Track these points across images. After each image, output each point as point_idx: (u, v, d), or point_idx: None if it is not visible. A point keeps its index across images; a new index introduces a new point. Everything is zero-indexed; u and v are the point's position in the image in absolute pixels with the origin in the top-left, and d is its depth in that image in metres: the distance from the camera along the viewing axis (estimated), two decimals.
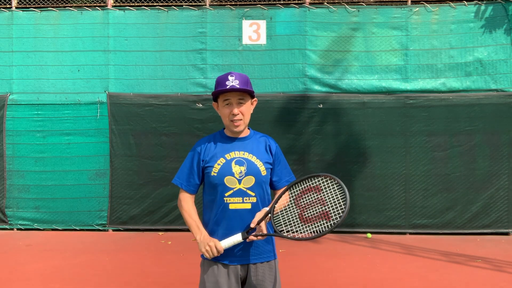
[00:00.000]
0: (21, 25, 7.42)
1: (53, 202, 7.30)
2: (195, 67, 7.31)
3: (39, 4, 7.46)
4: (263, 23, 7.27)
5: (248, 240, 2.28)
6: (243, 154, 2.40)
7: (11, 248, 6.41)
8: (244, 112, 2.40)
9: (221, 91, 2.34)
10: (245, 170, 2.37)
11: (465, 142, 7.08)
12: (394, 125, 7.13)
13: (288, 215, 2.39)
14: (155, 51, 7.32)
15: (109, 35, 7.35)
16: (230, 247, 2.30)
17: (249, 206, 2.35)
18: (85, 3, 7.58)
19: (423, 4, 7.17)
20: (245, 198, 2.36)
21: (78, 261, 5.73)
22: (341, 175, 7.08)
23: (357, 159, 7.17)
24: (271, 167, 2.47)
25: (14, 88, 7.39)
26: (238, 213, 2.35)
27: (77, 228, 7.32)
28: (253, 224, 2.28)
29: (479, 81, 7.11)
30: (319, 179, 2.36)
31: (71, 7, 7.45)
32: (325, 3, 7.26)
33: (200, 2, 7.38)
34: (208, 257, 2.30)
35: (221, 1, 7.41)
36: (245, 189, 2.36)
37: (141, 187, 7.26)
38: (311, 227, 2.32)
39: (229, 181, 2.35)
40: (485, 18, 7.10)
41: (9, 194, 7.34)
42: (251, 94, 2.43)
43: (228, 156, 2.39)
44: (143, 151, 7.28)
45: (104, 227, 7.32)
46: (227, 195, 2.35)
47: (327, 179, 2.34)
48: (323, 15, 7.24)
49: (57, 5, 7.46)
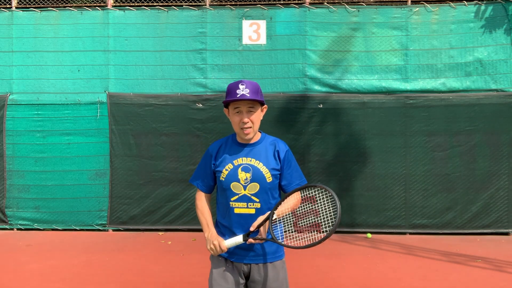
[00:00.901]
0: (21, 25, 7.42)
1: (53, 202, 7.30)
2: (195, 67, 7.31)
3: (39, 4, 7.46)
4: (263, 23, 7.27)
5: (248, 242, 2.36)
6: (250, 160, 2.48)
7: (11, 248, 6.41)
8: (254, 120, 2.45)
9: (231, 100, 2.40)
10: (250, 176, 2.45)
11: (465, 142, 7.08)
12: (394, 125, 7.13)
13: (285, 222, 2.49)
14: (155, 51, 7.32)
15: (109, 35, 7.35)
16: (234, 247, 2.43)
17: (253, 211, 2.45)
18: (85, 3, 7.58)
19: (423, 4, 7.17)
20: (249, 203, 2.45)
21: (78, 261, 5.73)
22: (341, 175, 7.17)
23: (357, 159, 7.17)
24: (279, 173, 2.52)
25: (14, 88, 7.39)
26: (242, 217, 2.46)
27: (77, 228, 7.32)
28: (252, 228, 2.36)
29: (479, 81, 7.11)
30: (315, 190, 2.43)
31: (71, 7, 7.45)
32: (325, 3, 7.26)
33: (200, 2, 7.38)
34: (213, 254, 2.44)
35: (221, 1, 7.41)
36: (249, 195, 2.45)
37: (141, 187, 7.26)
38: (303, 236, 2.41)
39: (235, 186, 2.46)
40: (485, 18, 7.10)
41: (9, 194, 7.34)
42: (261, 102, 2.48)
43: (236, 162, 2.48)
44: (143, 151, 7.28)
45: (104, 227, 7.32)
46: (232, 199, 2.46)
47: (322, 190, 2.39)
48: (323, 15, 7.24)
49: (57, 5, 7.46)
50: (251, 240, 2.35)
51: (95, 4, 7.46)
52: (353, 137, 7.17)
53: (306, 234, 2.41)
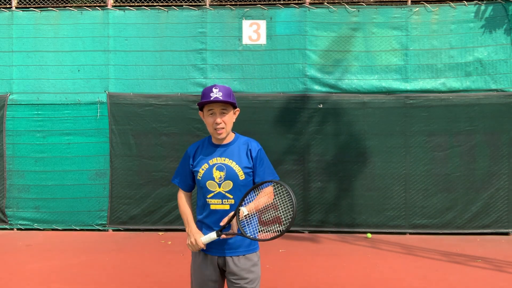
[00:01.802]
0: (21, 25, 7.42)
1: (53, 202, 7.31)
2: (195, 67, 7.32)
3: (39, 4, 7.46)
4: (263, 23, 7.27)
5: (221, 238, 2.54)
6: (224, 160, 2.68)
7: (11, 248, 6.41)
8: (226, 121, 2.65)
9: (205, 102, 2.61)
10: (224, 175, 2.64)
11: (465, 142, 7.08)
12: (394, 125, 7.14)
13: (251, 217, 2.64)
14: (155, 51, 7.33)
15: (109, 35, 7.35)
16: (211, 242, 2.61)
17: (227, 207, 2.63)
18: (85, 3, 7.58)
19: (423, 4, 7.18)
20: (224, 200, 2.64)
21: (78, 261, 5.73)
22: (341, 175, 7.17)
23: (357, 159, 7.17)
24: (252, 171, 2.69)
25: (14, 88, 7.40)
26: (218, 213, 2.63)
27: (77, 228, 7.32)
28: (222, 223, 2.54)
29: (479, 81, 7.11)
30: (272, 186, 2.62)
31: (71, 7, 7.46)
32: (325, 3, 7.26)
33: (200, 2, 7.38)
34: (191, 249, 2.65)
35: (221, 1, 7.41)
36: (224, 192, 2.64)
37: (141, 187, 7.26)
38: (268, 229, 2.61)
39: (210, 185, 2.65)
40: (485, 18, 7.10)
41: (9, 194, 7.34)
42: (234, 105, 2.68)
43: (211, 162, 2.69)
44: (143, 151, 7.28)
45: (104, 227, 7.32)
46: (209, 196, 2.66)
47: (278, 185, 2.58)
48: (323, 15, 7.24)
49: (57, 5, 7.47)
50: (223, 235, 2.52)
51: (95, 4, 7.46)
52: (353, 137, 7.17)
53: (270, 227, 2.61)
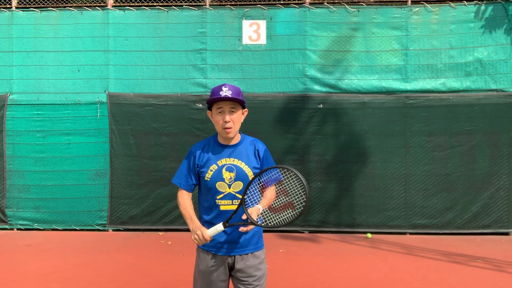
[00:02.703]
0: (21, 25, 7.42)
1: (53, 202, 7.31)
2: (195, 67, 7.32)
3: (39, 4, 7.46)
4: (263, 23, 7.27)
5: (227, 226, 2.51)
6: (233, 160, 2.67)
7: (11, 248, 6.41)
8: (235, 120, 2.64)
9: (215, 99, 2.61)
10: (234, 176, 2.64)
11: (465, 142, 7.08)
12: (394, 125, 7.14)
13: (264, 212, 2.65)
14: (155, 51, 7.33)
15: (109, 35, 7.35)
16: (219, 240, 2.62)
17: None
18: (85, 3, 7.58)
19: (423, 4, 7.17)
20: (234, 200, 2.63)
21: (78, 261, 5.73)
22: (341, 175, 7.17)
23: (357, 159, 7.17)
24: (259, 170, 2.70)
25: (14, 88, 7.40)
26: (228, 213, 2.60)
27: (77, 228, 7.32)
28: (244, 216, 2.51)
29: (479, 81, 7.11)
30: (279, 171, 2.63)
31: (71, 7, 7.46)
32: (325, 3, 7.26)
33: (200, 2, 7.38)
34: (197, 243, 2.57)
35: (221, 1, 7.41)
36: (234, 193, 2.64)
37: (141, 187, 7.26)
38: (279, 216, 2.59)
39: (220, 186, 2.64)
40: (485, 18, 7.10)
41: (9, 194, 7.34)
42: (242, 104, 2.68)
43: (219, 162, 2.66)
44: (143, 151, 7.28)
45: (104, 227, 7.32)
46: (218, 198, 2.64)
47: (285, 171, 2.58)
48: (323, 15, 7.24)
49: (57, 5, 7.47)
50: (243, 228, 2.51)
51: (95, 4, 7.46)
52: (353, 137, 7.17)
53: (282, 213, 2.58)
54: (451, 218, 7.09)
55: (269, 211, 2.63)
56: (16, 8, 7.46)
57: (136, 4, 7.38)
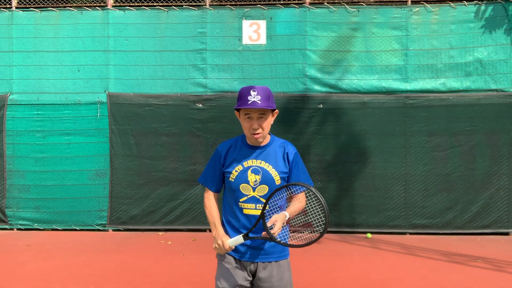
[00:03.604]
0: (21, 25, 7.42)
1: (53, 202, 7.30)
2: (195, 67, 7.31)
3: (39, 4, 7.46)
4: (263, 23, 7.27)
5: (247, 239, 2.42)
6: (260, 163, 2.52)
7: (11, 248, 6.41)
8: (264, 126, 2.47)
9: (242, 108, 2.43)
10: (260, 179, 2.50)
11: (465, 142, 7.08)
12: (394, 125, 7.14)
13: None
14: (155, 51, 7.32)
15: (109, 35, 7.35)
16: (241, 246, 2.51)
17: (260, 212, 2.45)
18: (85, 3, 7.58)
19: (423, 4, 7.17)
20: (257, 205, 2.50)
21: (78, 261, 5.73)
22: (341, 175, 7.16)
23: (357, 159, 7.17)
24: (288, 175, 2.57)
25: (14, 88, 7.39)
26: (250, 218, 2.51)
27: (77, 228, 7.32)
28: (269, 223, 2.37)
29: (479, 81, 7.11)
30: (302, 189, 2.49)
31: (71, 7, 7.45)
32: (325, 3, 7.26)
33: (200, 2, 7.38)
34: (218, 252, 2.49)
35: (221, 1, 7.41)
36: (258, 197, 2.50)
37: (141, 187, 7.26)
38: (298, 236, 2.50)
39: (244, 188, 2.51)
40: (485, 18, 7.10)
41: (9, 194, 7.34)
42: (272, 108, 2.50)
43: (245, 164, 2.52)
44: (143, 151, 7.28)
45: (104, 227, 7.32)
46: (241, 200, 2.52)
47: (308, 191, 2.44)
48: (323, 15, 7.24)
49: (57, 5, 7.46)
50: (250, 237, 2.42)
51: (95, 4, 7.46)
52: (353, 137, 7.17)
53: (300, 233, 2.50)
54: (451, 218, 7.09)
55: (288, 227, 2.54)
56: (16, 8, 7.46)
57: (136, 4, 7.38)
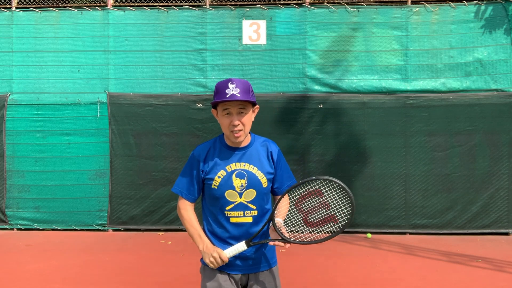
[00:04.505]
0: (21, 25, 7.42)
1: (53, 202, 7.30)
2: (195, 67, 7.31)
3: (39, 4, 7.46)
4: (263, 23, 7.27)
5: (254, 244, 2.26)
6: (244, 165, 2.31)
7: (11, 248, 6.41)
8: (245, 122, 2.25)
9: (220, 101, 2.20)
10: (246, 183, 2.29)
11: (465, 142, 7.08)
12: (394, 125, 7.13)
13: (291, 221, 2.39)
14: (155, 51, 7.32)
15: (109, 35, 7.35)
16: (232, 258, 2.28)
17: (250, 219, 2.32)
18: (85, 3, 7.58)
19: (423, 4, 7.17)
20: (246, 212, 2.30)
21: (78, 261, 5.73)
22: (341, 175, 7.15)
23: (357, 159, 7.17)
24: (273, 176, 2.39)
25: (14, 88, 7.39)
26: (239, 226, 2.32)
27: (77, 228, 7.32)
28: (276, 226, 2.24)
29: (479, 81, 7.11)
30: (318, 183, 2.33)
31: (71, 7, 7.45)
32: (325, 3, 7.26)
33: (200, 2, 7.38)
34: (213, 267, 2.27)
35: (221, 1, 7.41)
36: (246, 203, 2.30)
37: (141, 187, 7.26)
38: (318, 230, 2.32)
39: (230, 194, 2.29)
40: (485, 18, 7.09)
41: (9, 194, 7.34)
42: (253, 102, 2.28)
43: (228, 168, 2.30)
44: (143, 151, 7.28)
45: (104, 227, 7.32)
46: (227, 208, 2.30)
47: (327, 182, 2.31)
48: (323, 15, 7.24)
49: (57, 5, 7.46)
50: (274, 243, 2.25)
51: (95, 4, 7.46)
52: (353, 137, 7.17)
53: (322, 227, 2.33)
54: (451, 218, 7.09)
55: (305, 226, 2.36)
56: (16, 8, 7.46)
57: (136, 4, 7.38)
